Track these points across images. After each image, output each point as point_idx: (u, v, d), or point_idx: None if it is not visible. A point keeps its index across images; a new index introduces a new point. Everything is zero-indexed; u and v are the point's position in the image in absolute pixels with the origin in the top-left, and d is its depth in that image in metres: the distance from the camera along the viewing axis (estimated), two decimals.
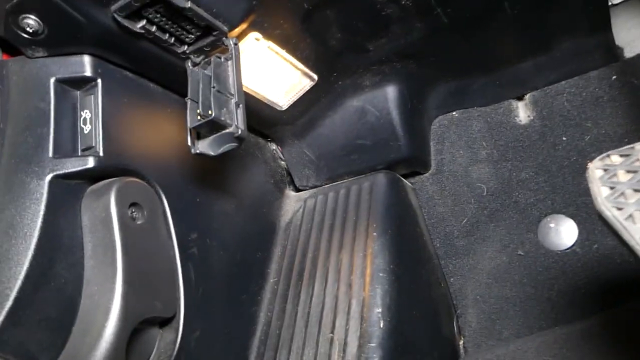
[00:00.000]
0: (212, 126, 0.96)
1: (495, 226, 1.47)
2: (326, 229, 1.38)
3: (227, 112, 0.97)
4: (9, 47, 0.92)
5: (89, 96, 0.95)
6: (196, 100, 0.95)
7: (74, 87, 0.95)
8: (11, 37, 0.87)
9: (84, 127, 0.94)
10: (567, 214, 1.40)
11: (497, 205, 1.47)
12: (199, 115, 0.94)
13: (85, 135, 0.94)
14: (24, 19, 0.83)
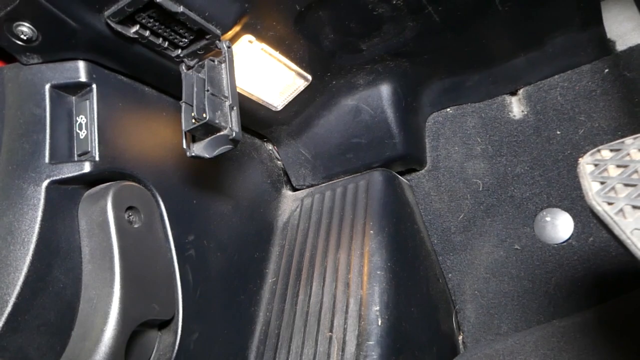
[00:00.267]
0: (207, 129, 0.96)
1: (491, 221, 1.47)
2: (323, 228, 1.39)
3: (222, 114, 0.98)
4: (4, 54, 0.92)
5: (84, 101, 0.96)
6: (190, 103, 0.96)
7: (69, 92, 0.95)
8: (5, 45, 0.87)
9: (79, 132, 0.95)
10: (562, 207, 1.40)
11: (493, 200, 1.48)
12: (194, 118, 0.95)
13: (81, 140, 0.94)
14: (17, 27, 0.84)
